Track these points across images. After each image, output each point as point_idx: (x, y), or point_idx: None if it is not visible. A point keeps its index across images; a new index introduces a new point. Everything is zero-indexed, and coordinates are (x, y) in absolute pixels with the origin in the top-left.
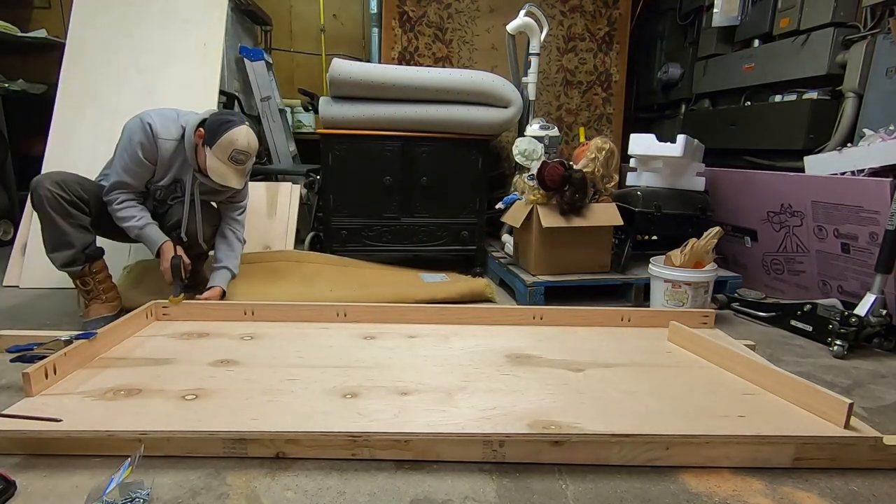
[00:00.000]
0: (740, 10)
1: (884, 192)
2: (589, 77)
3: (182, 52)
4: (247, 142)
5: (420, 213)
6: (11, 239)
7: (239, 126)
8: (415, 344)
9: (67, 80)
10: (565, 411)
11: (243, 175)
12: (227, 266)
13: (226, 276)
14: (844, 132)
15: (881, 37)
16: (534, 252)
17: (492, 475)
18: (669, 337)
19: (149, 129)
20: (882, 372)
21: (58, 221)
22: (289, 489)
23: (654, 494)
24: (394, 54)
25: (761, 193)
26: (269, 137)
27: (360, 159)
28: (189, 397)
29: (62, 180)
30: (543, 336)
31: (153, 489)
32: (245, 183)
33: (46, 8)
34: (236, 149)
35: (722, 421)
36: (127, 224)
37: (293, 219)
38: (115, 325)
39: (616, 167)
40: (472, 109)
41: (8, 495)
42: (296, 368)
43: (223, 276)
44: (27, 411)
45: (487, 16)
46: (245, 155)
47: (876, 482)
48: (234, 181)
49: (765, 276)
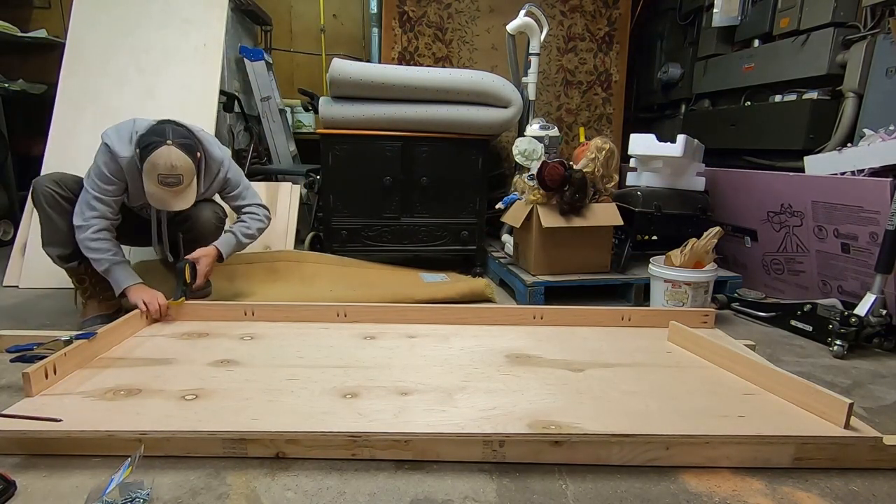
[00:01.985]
0: (740, 10)
1: (884, 192)
2: (589, 77)
3: (182, 53)
4: (169, 164)
5: (420, 213)
6: (11, 239)
7: (160, 148)
8: (415, 344)
9: (67, 81)
10: (565, 411)
11: (184, 196)
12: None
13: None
14: (844, 132)
15: (881, 37)
16: (534, 252)
17: (492, 475)
18: (669, 337)
19: (106, 149)
20: (882, 372)
21: (53, 217)
22: (289, 489)
23: (654, 494)
24: (394, 54)
25: (761, 193)
26: (269, 137)
27: (360, 159)
28: (189, 397)
29: (60, 179)
30: (543, 336)
31: (153, 489)
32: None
33: (46, 8)
34: (160, 173)
35: (722, 421)
36: (96, 256)
37: (293, 219)
38: (115, 325)
39: (616, 167)
40: (472, 109)
41: (8, 495)
42: (296, 368)
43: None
44: (27, 411)
45: (487, 16)
46: (173, 177)
47: (876, 482)
48: (174, 204)
49: (765, 276)
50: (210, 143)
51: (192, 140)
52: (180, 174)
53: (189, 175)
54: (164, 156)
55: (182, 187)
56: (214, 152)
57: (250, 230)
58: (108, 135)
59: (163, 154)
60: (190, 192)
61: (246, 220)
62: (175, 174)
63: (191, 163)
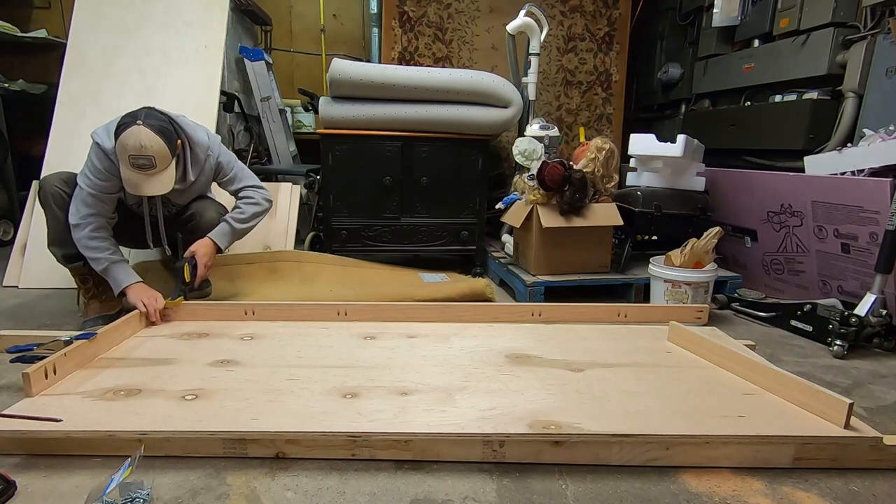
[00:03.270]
0: (740, 10)
1: (884, 192)
2: (589, 77)
3: (183, 54)
4: (139, 144)
5: (420, 213)
6: (11, 239)
7: (130, 128)
8: (415, 344)
9: (69, 82)
10: (565, 411)
11: (158, 180)
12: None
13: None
14: (844, 132)
15: (881, 37)
16: (534, 252)
17: (492, 475)
18: (669, 337)
19: (97, 147)
20: (882, 372)
21: (60, 217)
22: (289, 489)
23: (654, 494)
24: (394, 54)
25: (761, 193)
26: (269, 137)
27: (360, 159)
28: (189, 397)
29: (68, 178)
30: (543, 336)
31: (153, 489)
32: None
33: (46, 8)
34: (130, 154)
35: (722, 421)
36: (95, 255)
37: (293, 219)
38: (115, 325)
39: (616, 167)
40: (473, 109)
41: (8, 495)
42: (296, 368)
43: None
44: (27, 411)
45: (487, 16)
46: (144, 158)
47: (876, 482)
48: (147, 188)
49: (765, 276)
50: (194, 128)
51: (168, 125)
52: (151, 156)
53: (162, 158)
54: (133, 135)
55: (155, 171)
56: (199, 137)
57: (245, 215)
58: (98, 133)
59: (132, 134)
60: (165, 177)
61: (241, 206)
62: (145, 155)
63: (163, 145)
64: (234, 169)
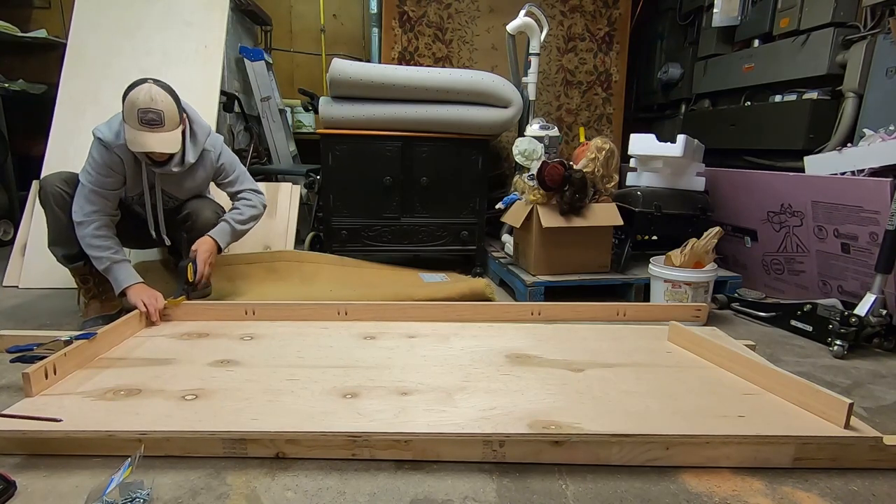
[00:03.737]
0: (740, 10)
1: (884, 192)
2: (589, 77)
3: (183, 54)
4: (149, 97)
5: (420, 213)
6: (11, 239)
7: (140, 85)
8: (415, 344)
9: (69, 82)
10: (565, 411)
11: (166, 139)
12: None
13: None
14: (844, 132)
15: (881, 37)
16: (534, 252)
17: (492, 475)
18: (669, 337)
19: (99, 143)
20: (882, 372)
21: (61, 217)
22: (289, 489)
23: (654, 494)
24: (394, 54)
25: (761, 193)
26: (269, 137)
27: (360, 159)
28: (189, 397)
29: (69, 178)
30: (543, 336)
31: (153, 489)
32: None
33: (46, 8)
34: (139, 108)
35: (722, 421)
36: (98, 254)
37: (293, 219)
38: (115, 325)
39: (616, 167)
40: (472, 109)
41: (8, 495)
42: (296, 368)
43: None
44: (27, 411)
45: (487, 16)
46: (154, 112)
47: (876, 482)
48: (155, 144)
49: (765, 276)
50: (196, 112)
51: (176, 95)
52: (161, 110)
53: (171, 118)
54: (144, 90)
55: (163, 129)
56: (200, 121)
57: (243, 216)
58: (99, 128)
59: (143, 89)
60: (172, 139)
61: (239, 208)
62: (155, 109)
63: (173, 104)
64: (237, 171)
